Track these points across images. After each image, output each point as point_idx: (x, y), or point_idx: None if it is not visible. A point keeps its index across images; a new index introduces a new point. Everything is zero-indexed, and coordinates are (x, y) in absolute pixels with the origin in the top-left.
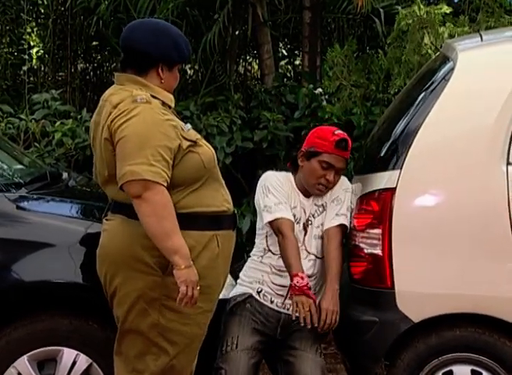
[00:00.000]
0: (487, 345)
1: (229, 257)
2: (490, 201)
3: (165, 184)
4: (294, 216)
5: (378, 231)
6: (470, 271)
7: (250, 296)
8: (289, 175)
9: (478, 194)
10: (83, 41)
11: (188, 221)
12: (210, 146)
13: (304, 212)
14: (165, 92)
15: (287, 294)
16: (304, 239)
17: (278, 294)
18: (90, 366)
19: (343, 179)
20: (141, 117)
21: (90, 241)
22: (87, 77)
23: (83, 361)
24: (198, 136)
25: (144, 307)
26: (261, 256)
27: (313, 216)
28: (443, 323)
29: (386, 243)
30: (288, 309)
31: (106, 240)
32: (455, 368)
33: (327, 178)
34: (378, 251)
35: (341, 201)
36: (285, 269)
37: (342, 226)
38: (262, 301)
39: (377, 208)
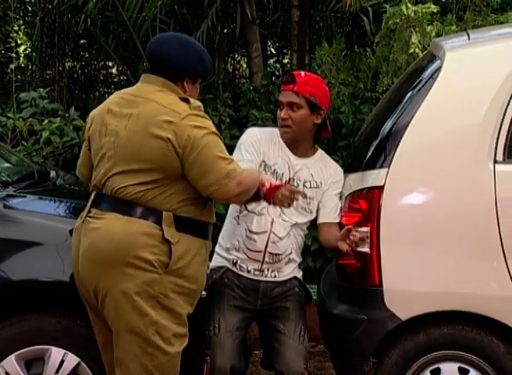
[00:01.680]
0: (474, 343)
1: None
2: (477, 200)
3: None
4: (275, 172)
5: (366, 229)
6: (458, 269)
7: (227, 270)
8: (276, 130)
9: (466, 193)
10: (70, 39)
11: (189, 225)
12: None
13: (289, 170)
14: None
15: (263, 259)
16: None
17: (254, 260)
18: (78, 365)
19: (340, 169)
20: (207, 121)
21: None
22: (75, 76)
23: (71, 360)
24: None
25: (141, 305)
26: (238, 216)
27: (304, 183)
28: (431, 321)
29: (374, 241)
30: (266, 276)
31: (103, 239)
32: (442, 365)
33: (280, 116)
34: (366, 249)
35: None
36: (257, 232)
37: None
38: (239, 272)
39: (365, 207)
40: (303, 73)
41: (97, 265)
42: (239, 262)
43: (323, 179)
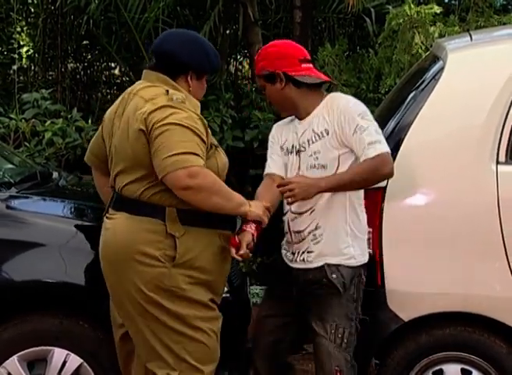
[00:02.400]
0: (477, 344)
1: (230, 257)
2: (480, 201)
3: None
4: (287, 149)
5: (368, 230)
6: (460, 270)
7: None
8: None
9: (468, 193)
10: (73, 40)
11: (195, 218)
12: (225, 155)
13: (296, 139)
14: (192, 98)
15: (292, 239)
16: (298, 168)
17: (288, 243)
18: (80, 365)
19: (347, 103)
20: (181, 113)
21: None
22: (78, 77)
23: (74, 361)
24: (216, 143)
25: (157, 299)
26: None
27: (308, 142)
28: (433, 322)
29: (377, 242)
30: (296, 260)
31: (110, 238)
32: (445, 367)
33: None
34: (368, 250)
35: (363, 129)
36: (284, 211)
37: (381, 156)
38: (283, 257)
39: (367, 208)
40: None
41: (109, 264)
42: (283, 246)
43: (328, 125)
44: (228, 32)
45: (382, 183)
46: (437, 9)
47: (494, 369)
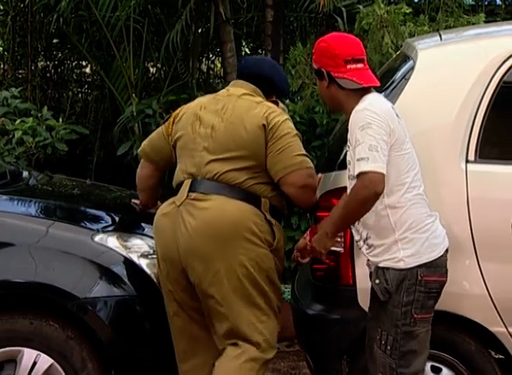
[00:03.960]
0: (446, 341)
1: None
2: (450, 199)
3: None
4: None
5: None
6: None
7: None
8: None
9: (439, 192)
10: (43, 38)
11: (277, 214)
12: None
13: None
14: None
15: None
16: (348, 178)
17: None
18: (50, 366)
19: (356, 111)
20: (290, 121)
21: (51, 240)
22: (48, 75)
23: (44, 361)
24: None
25: (255, 277)
26: None
27: (348, 148)
28: None
29: (348, 240)
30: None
31: (215, 216)
32: None
33: None
34: (339, 248)
35: (359, 143)
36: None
37: (360, 177)
38: None
39: None
40: None
41: (212, 239)
42: None
43: (349, 133)
44: (200, 31)
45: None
46: (407, 9)
47: (464, 366)
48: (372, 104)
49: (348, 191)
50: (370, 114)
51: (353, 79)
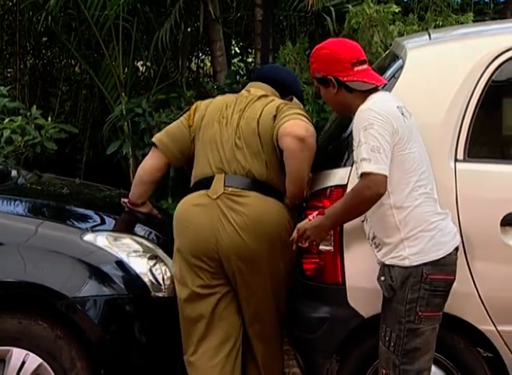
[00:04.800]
0: (436, 340)
1: None
2: (439, 198)
3: None
4: None
5: None
6: None
7: None
8: None
9: None
10: (32, 36)
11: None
12: None
13: None
14: None
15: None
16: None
17: None
18: (39, 366)
19: (360, 110)
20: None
21: (40, 240)
22: (37, 74)
23: (33, 361)
24: None
25: (287, 273)
26: None
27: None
28: None
29: (337, 239)
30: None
31: (259, 214)
32: None
33: None
34: (329, 247)
35: (361, 143)
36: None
37: (363, 177)
38: None
39: (328, 205)
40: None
41: (262, 239)
42: None
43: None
44: (189, 29)
45: (343, 181)
46: (395, 8)
47: (452, 364)
48: (376, 103)
49: None
50: (373, 114)
51: (365, 80)
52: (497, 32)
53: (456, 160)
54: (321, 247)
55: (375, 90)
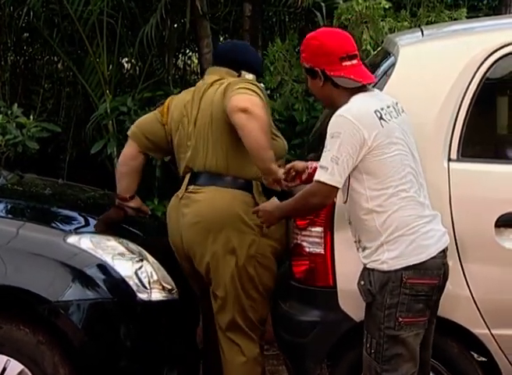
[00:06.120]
0: None
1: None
2: (432, 199)
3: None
4: None
5: (319, 229)
6: None
7: None
8: None
9: None
10: (13, 32)
11: (271, 192)
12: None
13: None
14: None
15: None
16: None
17: None
18: (21, 372)
19: (333, 120)
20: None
21: (21, 242)
22: (18, 71)
23: (14, 367)
24: None
25: (242, 263)
26: None
27: None
28: None
29: (328, 241)
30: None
31: (206, 208)
32: None
33: None
34: (320, 249)
35: (326, 149)
36: None
37: (315, 184)
38: None
39: None
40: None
41: (209, 230)
42: None
43: None
44: (176, 25)
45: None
46: (385, 4)
47: (446, 369)
48: (351, 109)
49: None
50: (344, 122)
51: (351, 76)
52: (491, 28)
53: (449, 160)
54: (312, 249)
55: (361, 88)
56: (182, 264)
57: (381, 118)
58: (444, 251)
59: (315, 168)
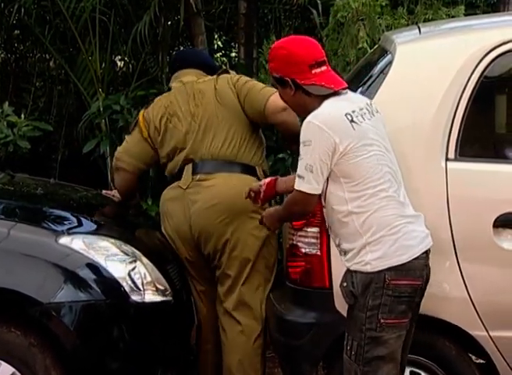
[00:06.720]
0: (426, 346)
1: None
2: (430, 198)
3: None
4: None
5: (315, 230)
6: None
7: None
8: None
9: (418, 191)
10: (3, 29)
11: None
12: None
13: None
14: None
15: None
16: None
17: None
18: None
19: (303, 126)
20: None
21: (13, 243)
22: (9, 68)
23: (5, 370)
24: None
25: (260, 243)
26: None
27: None
28: None
29: (324, 242)
30: None
31: (222, 190)
32: None
33: None
34: (315, 250)
35: (301, 158)
36: None
37: (294, 193)
38: None
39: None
40: None
41: (223, 212)
42: None
43: None
44: (169, 23)
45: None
46: (382, 1)
47: (443, 371)
48: (320, 115)
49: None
50: (313, 128)
51: (323, 83)
52: (489, 26)
53: (447, 159)
54: (308, 250)
55: (334, 93)
56: (187, 255)
57: (352, 121)
58: (427, 253)
59: (268, 183)
